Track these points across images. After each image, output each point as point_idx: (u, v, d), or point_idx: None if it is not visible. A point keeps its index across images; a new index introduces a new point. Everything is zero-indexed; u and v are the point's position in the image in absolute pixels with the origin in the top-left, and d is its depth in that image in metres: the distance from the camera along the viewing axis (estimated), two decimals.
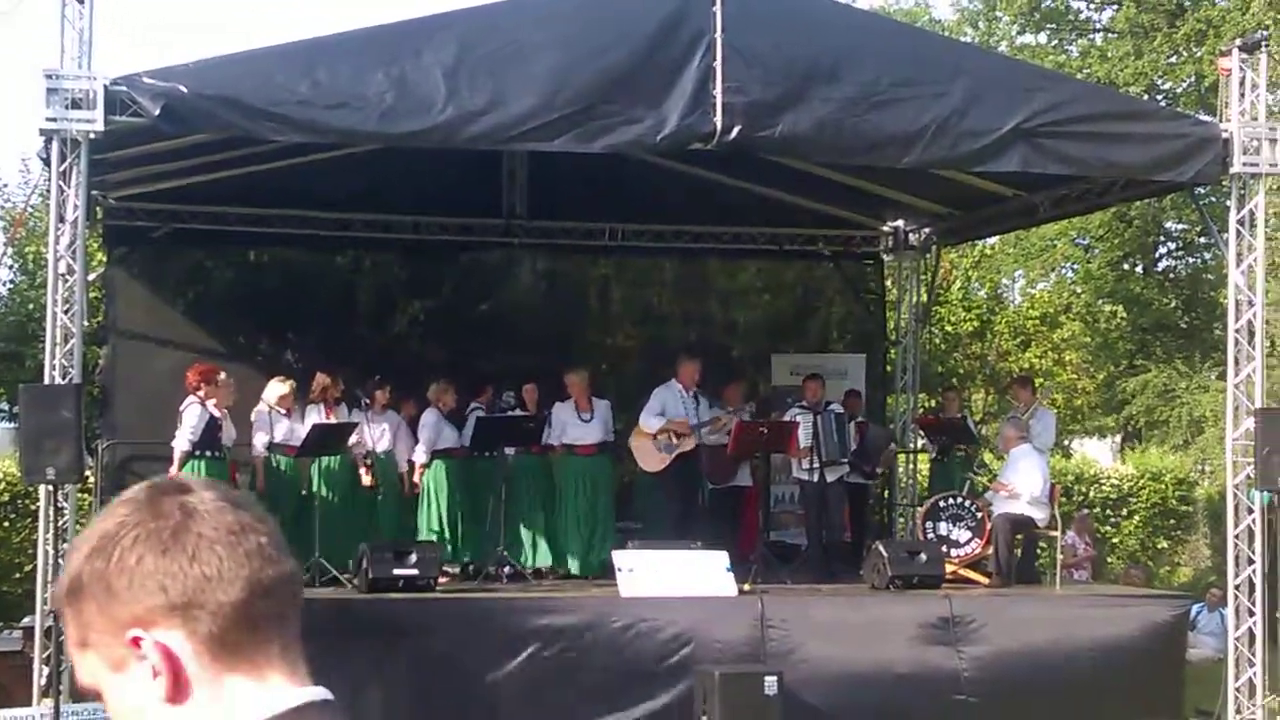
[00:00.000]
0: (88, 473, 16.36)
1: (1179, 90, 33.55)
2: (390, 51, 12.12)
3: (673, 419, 15.12)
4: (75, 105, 11.66)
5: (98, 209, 16.86)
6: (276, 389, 14.41)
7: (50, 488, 11.51)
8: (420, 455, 14.87)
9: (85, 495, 17.11)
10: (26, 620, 13.29)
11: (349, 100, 12.01)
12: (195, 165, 15.79)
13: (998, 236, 27.36)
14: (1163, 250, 35.14)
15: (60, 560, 11.87)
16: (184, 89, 11.68)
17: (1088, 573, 18.85)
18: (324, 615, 12.09)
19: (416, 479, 14.98)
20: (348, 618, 12.28)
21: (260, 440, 14.19)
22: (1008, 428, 15.55)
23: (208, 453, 13.45)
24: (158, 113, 11.60)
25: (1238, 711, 13.43)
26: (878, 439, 17.34)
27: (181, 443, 13.41)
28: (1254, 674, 13.50)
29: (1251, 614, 13.57)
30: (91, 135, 11.78)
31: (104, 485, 17.29)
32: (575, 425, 15.11)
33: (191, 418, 13.42)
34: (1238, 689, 13.53)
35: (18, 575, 18.11)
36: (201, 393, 13.54)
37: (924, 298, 19.74)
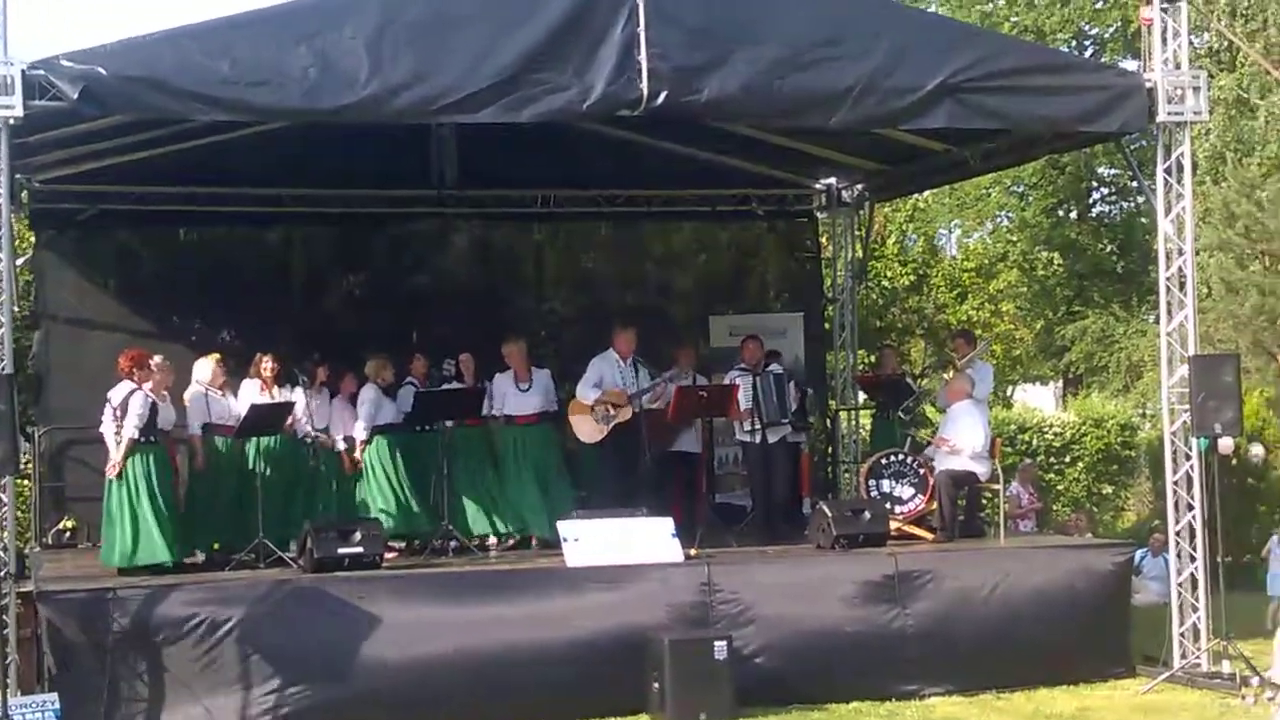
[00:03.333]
0: (26, 458, 16.28)
1: (1105, 36, 33.69)
2: (311, 25, 12.02)
3: (609, 389, 15.09)
4: None
5: (24, 192, 16.71)
6: (205, 366, 14.26)
7: None
8: (360, 432, 14.79)
9: (25, 482, 17.00)
10: None
11: (271, 77, 11.92)
12: (119, 145, 15.65)
13: (930, 190, 27.41)
14: (1096, 196, 35.33)
15: (1, 552, 11.77)
16: (103, 71, 11.59)
17: (1033, 522, 18.95)
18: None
19: (358, 455, 14.89)
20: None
21: (196, 421, 14.05)
22: (957, 380, 15.54)
23: (146, 439, 13.30)
24: (76, 96, 11.52)
25: (1183, 656, 13.53)
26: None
27: (128, 431, 13.21)
28: (1198, 619, 13.61)
29: (1193, 559, 13.67)
30: (11, 121, 11.65)
31: (43, 471, 17.18)
32: (514, 395, 15.10)
33: (136, 406, 13.22)
34: (1182, 634, 13.64)
35: None
36: (135, 378, 13.37)
37: (859, 254, 19.74)
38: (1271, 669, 12.34)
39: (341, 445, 14.83)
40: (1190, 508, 13.71)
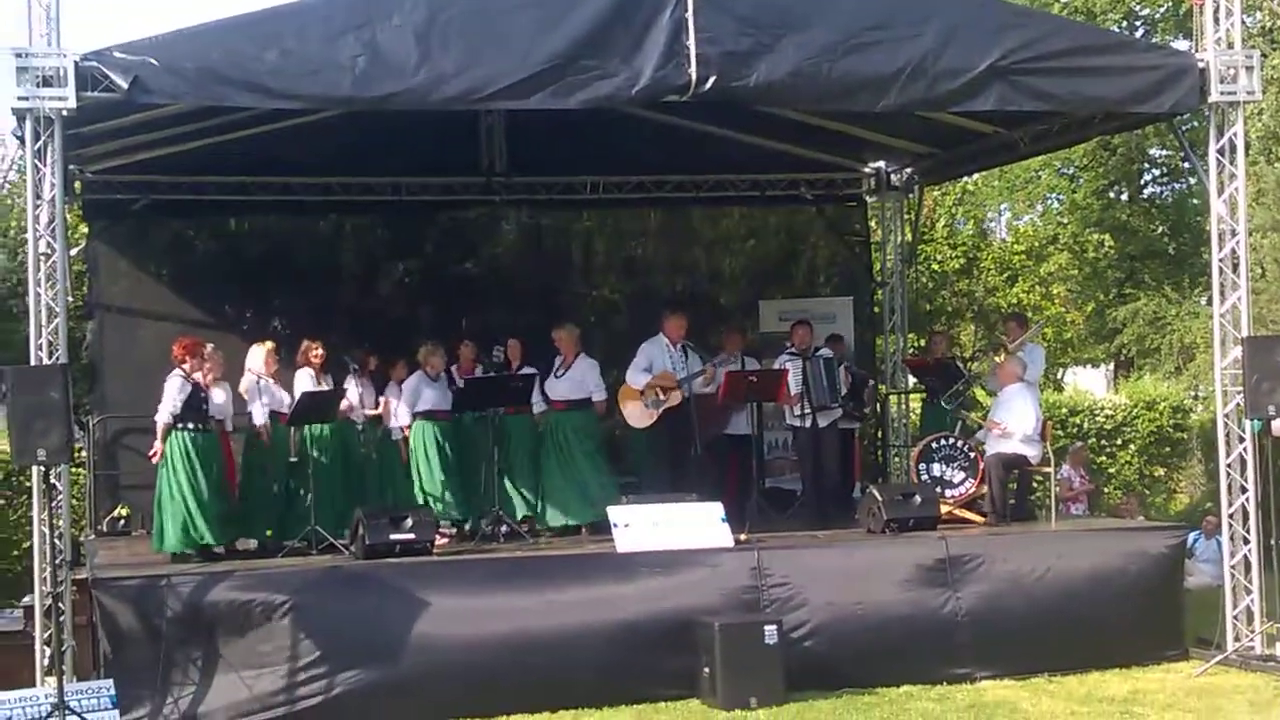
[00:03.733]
0: (80, 447, 16.43)
1: (1157, 16, 33.44)
2: (360, 15, 12.04)
3: (659, 374, 15.09)
4: (46, 83, 11.62)
5: (77, 183, 16.86)
6: (259, 352, 14.35)
7: (43, 467, 11.50)
8: (403, 417, 14.86)
9: (79, 470, 17.15)
10: (27, 599, 13.26)
11: (321, 66, 11.96)
12: (171, 136, 15.73)
13: (980, 173, 27.29)
14: (1148, 177, 35.07)
15: (57, 539, 11.88)
16: (154, 62, 11.64)
17: (1084, 506, 18.87)
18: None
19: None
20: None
21: (259, 412, 14.12)
22: (1009, 363, 15.49)
23: (192, 425, 13.41)
24: (128, 86, 11.56)
25: (1236, 639, 13.46)
26: (859, 381, 17.28)
27: (163, 415, 13.37)
28: (1251, 601, 13.54)
29: (1246, 542, 13.59)
30: (64, 112, 11.75)
31: (97, 459, 17.32)
32: (551, 381, 15.13)
33: (172, 389, 13.38)
34: (1235, 617, 13.57)
35: (15, 553, 18.10)
36: (187, 365, 13.50)
37: (909, 237, 19.72)
38: None
39: (397, 434, 14.89)
40: (1243, 490, 13.63)
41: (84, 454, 17.18)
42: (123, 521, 17.03)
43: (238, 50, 11.83)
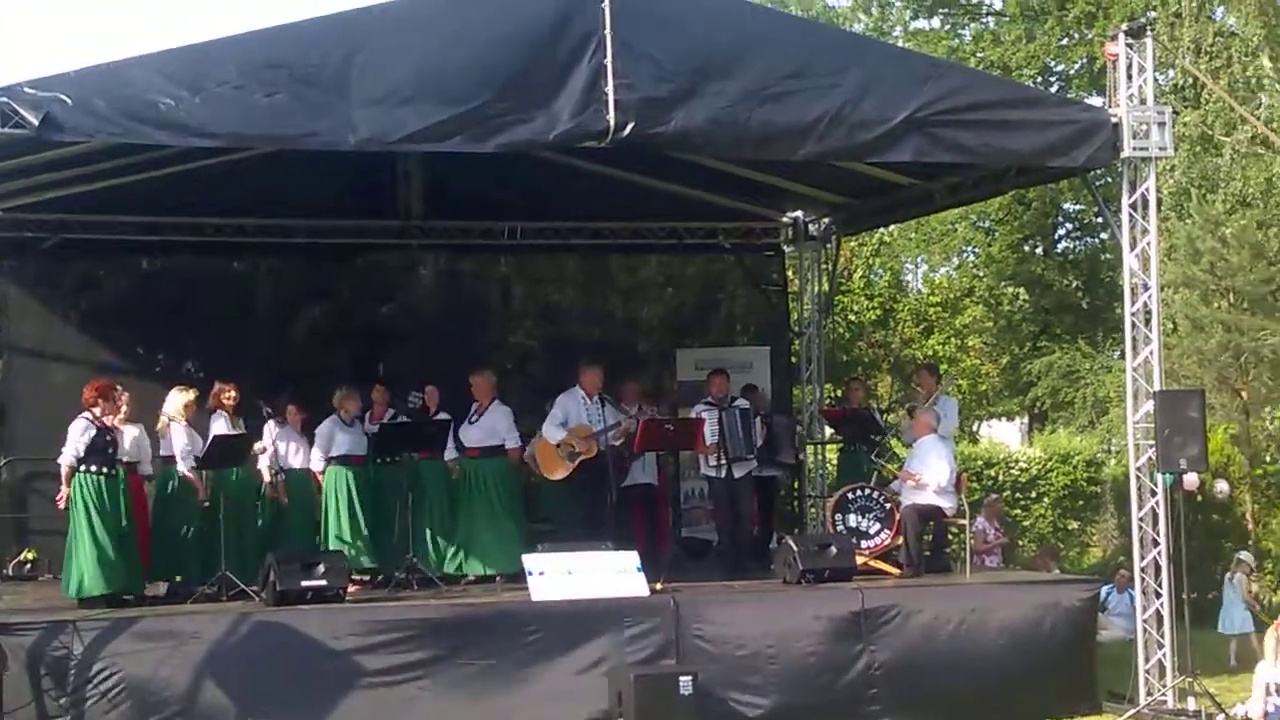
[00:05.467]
0: None
1: (1071, 72, 33.85)
2: (278, 54, 11.98)
3: (575, 427, 14.98)
4: None
5: None
6: (179, 398, 14.14)
7: None
8: (316, 463, 14.67)
9: None
10: None
11: (236, 105, 11.83)
12: (84, 174, 15.62)
13: (897, 224, 27.44)
14: (1062, 231, 35.42)
15: None
16: (66, 98, 11.46)
17: (999, 558, 18.93)
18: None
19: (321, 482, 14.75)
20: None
21: (184, 455, 13.87)
22: (923, 414, 15.52)
23: (96, 468, 13.18)
24: (39, 123, 11.38)
25: (1149, 693, 13.48)
26: (784, 429, 17.26)
27: (66, 458, 13.14)
28: (1163, 655, 13.56)
29: (1159, 596, 13.63)
30: None
31: (4, 502, 17.04)
32: (465, 428, 14.98)
33: (75, 432, 13.16)
34: (1148, 671, 13.59)
35: None
36: (98, 409, 13.27)
37: (826, 288, 19.75)
38: (1250, 703, 12.40)
39: (267, 475, 14.61)
40: (1156, 544, 13.69)
41: None
42: (29, 565, 16.76)
43: (152, 87, 11.67)
